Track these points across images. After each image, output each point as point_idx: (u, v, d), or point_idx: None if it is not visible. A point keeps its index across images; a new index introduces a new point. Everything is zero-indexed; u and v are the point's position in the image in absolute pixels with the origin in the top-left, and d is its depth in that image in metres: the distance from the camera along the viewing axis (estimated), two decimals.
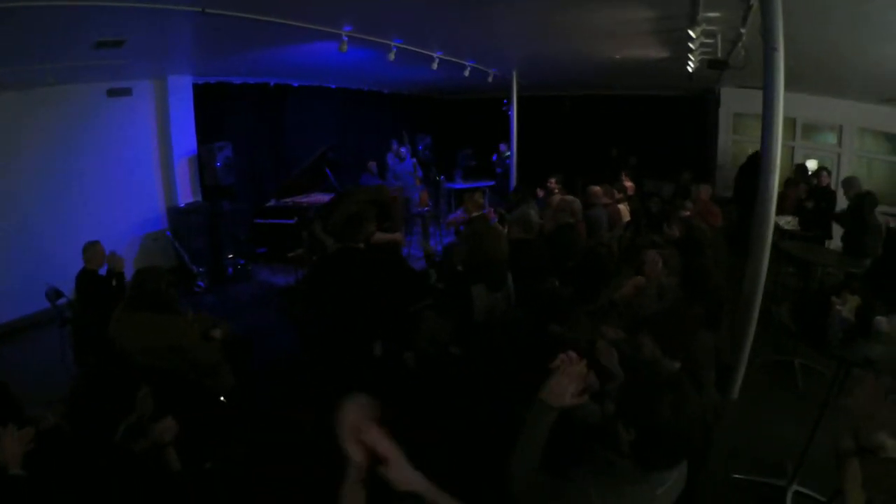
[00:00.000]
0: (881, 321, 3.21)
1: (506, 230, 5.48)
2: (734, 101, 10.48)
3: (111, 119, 7.60)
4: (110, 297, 4.42)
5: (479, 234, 4.49)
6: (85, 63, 6.29)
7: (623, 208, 6.85)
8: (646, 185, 9.59)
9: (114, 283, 4.69)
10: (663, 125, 11.98)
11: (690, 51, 5.98)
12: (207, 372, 3.33)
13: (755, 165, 4.80)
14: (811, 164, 9.20)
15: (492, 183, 11.62)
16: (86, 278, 4.65)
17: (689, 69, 6.69)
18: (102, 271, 4.75)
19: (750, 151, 9.55)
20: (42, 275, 5.46)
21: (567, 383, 1.76)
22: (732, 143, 10.88)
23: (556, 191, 7.21)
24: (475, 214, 6.29)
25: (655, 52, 7.42)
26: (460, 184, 11.75)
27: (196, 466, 2.58)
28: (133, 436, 2.43)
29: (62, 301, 5.09)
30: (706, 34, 5.53)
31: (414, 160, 10.86)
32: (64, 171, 7.05)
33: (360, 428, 1.47)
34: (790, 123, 9.88)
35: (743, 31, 5.04)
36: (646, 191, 8.36)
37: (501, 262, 4.19)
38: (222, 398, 3.41)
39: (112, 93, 7.58)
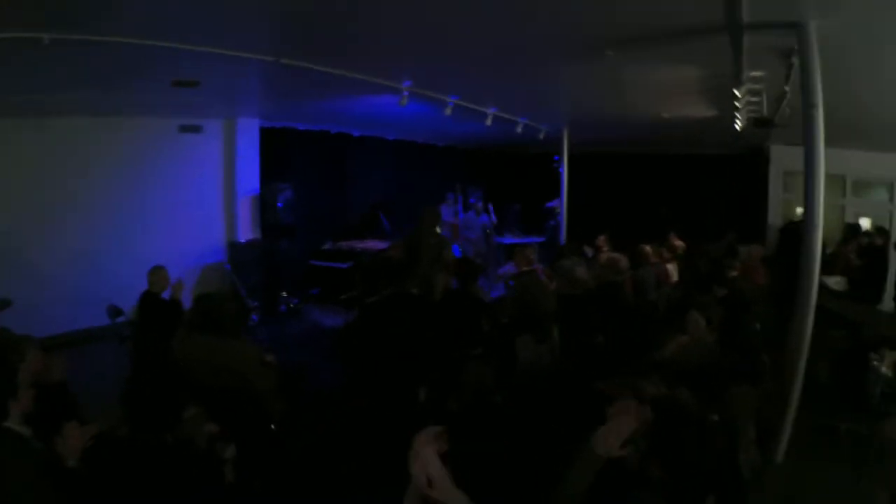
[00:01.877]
0: None
1: (553, 285, 5.56)
2: (784, 158, 10.37)
3: (181, 153, 8.20)
4: (171, 319, 4.70)
5: (526, 287, 4.60)
6: (161, 99, 6.81)
7: (671, 268, 6.82)
8: (696, 244, 9.49)
9: (174, 308, 4.96)
10: (715, 184, 11.92)
11: (737, 109, 6.02)
12: (261, 398, 3.48)
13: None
14: (864, 223, 8.94)
15: (542, 239, 11.71)
16: (149, 300, 4.95)
17: (737, 127, 6.73)
18: (165, 295, 5.04)
19: (800, 210, 9.36)
20: (102, 293, 5.88)
21: (617, 433, 1.81)
22: (783, 202, 10.70)
23: (604, 249, 7.26)
24: (524, 269, 6.39)
25: (703, 111, 7.51)
26: (510, 238, 11.87)
27: (247, 482, 2.70)
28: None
29: (121, 319, 5.41)
30: (751, 92, 5.58)
31: (488, 216, 11.13)
32: (132, 196, 7.63)
33: (419, 452, 1.57)
34: (839, 181, 9.77)
35: (787, 88, 5.03)
36: (695, 250, 8.27)
37: (547, 315, 4.26)
38: (272, 425, 3.55)
39: (183, 129, 8.17)
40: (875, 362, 3.23)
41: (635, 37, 4.58)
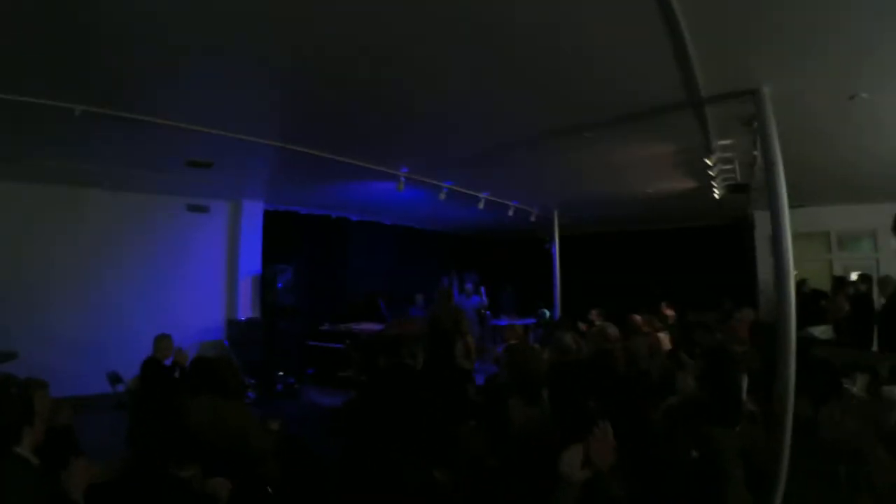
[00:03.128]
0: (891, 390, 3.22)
1: (545, 355, 5.68)
2: (768, 223, 10.59)
3: (187, 231, 8.61)
4: (171, 385, 4.81)
5: (514, 350, 4.73)
6: (173, 178, 7.29)
7: (664, 337, 6.93)
8: (689, 315, 9.59)
9: (176, 374, 5.05)
10: (704, 255, 12.17)
11: (712, 178, 6.26)
12: (260, 461, 3.53)
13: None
14: (854, 277, 9.07)
15: (535, 321, 11.91)
16: (151, 365, 5.05)
17: (715, 195, 6.95)
18: (167, 362, 5.15)
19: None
20: (105, 359, 6.18)
21: (577, 454, 2.00)
22: (771, 266, 10.85)
23: (598, 322, 7.42)
24: (513, 342, 6.53)
25: (683, 184, 7.84)
26: (506, 320, 12.01)
27: None
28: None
29: (120, 387, 5.50)
30: (723, 161, 5.86)
31: (479, 298, 11.46)
32: (138, 270, 8.01)
33: None
34: (824, 237, 10.00)
35: (756, 153, 5.25)
36: (690, 321, 8.37)
37: (536, 376, 4.36)
38: (269, 489, 3.57)
39: (191, 208, 8.63)
40: (846, 386, 3.34)
41: (609, 119, 5.00)
